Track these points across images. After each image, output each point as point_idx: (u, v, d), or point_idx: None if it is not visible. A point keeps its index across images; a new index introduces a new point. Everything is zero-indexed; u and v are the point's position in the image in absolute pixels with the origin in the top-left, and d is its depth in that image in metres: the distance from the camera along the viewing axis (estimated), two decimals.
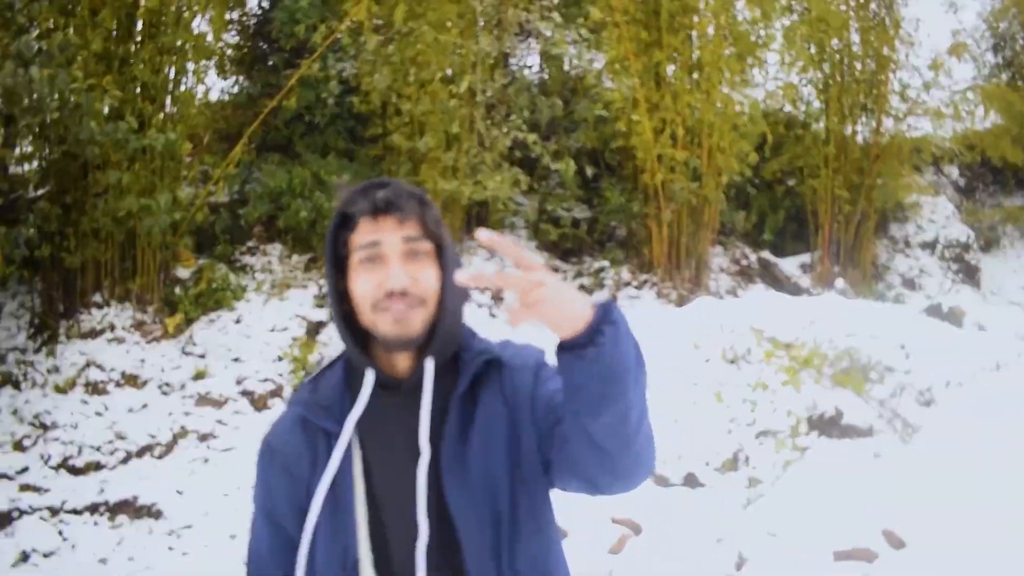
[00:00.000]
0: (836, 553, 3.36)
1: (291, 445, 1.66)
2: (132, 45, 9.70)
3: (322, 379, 1.71)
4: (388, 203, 1.58)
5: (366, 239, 1.58)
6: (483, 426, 1.60)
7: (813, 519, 3.65)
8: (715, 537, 4.24)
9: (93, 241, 9.83)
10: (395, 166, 11.75)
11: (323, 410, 1.64)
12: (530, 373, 1.66)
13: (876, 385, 6.84)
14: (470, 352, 1.66)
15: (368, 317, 1.59)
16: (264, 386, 9.78)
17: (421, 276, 1.58)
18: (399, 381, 1.62)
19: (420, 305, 1.57)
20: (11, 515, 8.08)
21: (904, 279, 13.83)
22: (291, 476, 1.64)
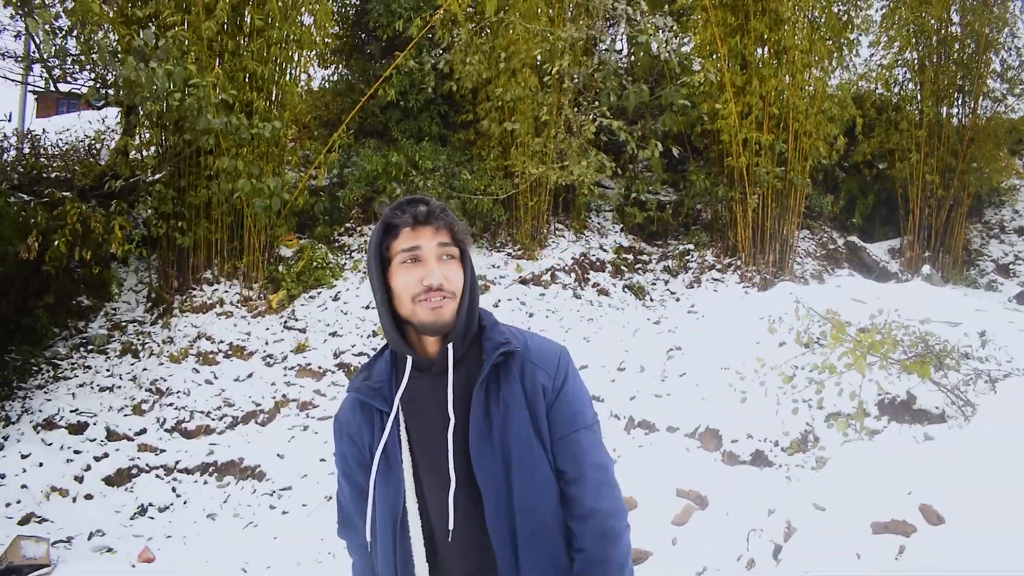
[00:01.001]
0: (874, 525, 3.60)
1: (353, 422, 2.11)
2: (242, 38, 10.19)
3: (373, 367, 2.13)
4: (427, 215, 1.99)
5: (408, 244, 1.98)
6: (503, 407, 1.99)
7: (860, 494, 3.88)
8: (768, 508, 4.51)
9: (204, 222, 10.51)
10: (485, 151, 12.10)
11: (374, 392, 2.05)
12: (549, 377, 2.05)
13: (951, 371, 6.89)
14: (491, 342, 2.05)
15: (408, 307, 1.99)
16: (359, 359, 10.32)
17: (452, 275, 2.00)
18: (431, 362, 2.04)
19: (451, 298, 1.99)
20: (131, 472, 8.84)
21: (998, 265, 13.44)
22: (355, 444, 2.10)
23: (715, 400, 7.34)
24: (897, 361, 6.24)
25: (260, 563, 7.05)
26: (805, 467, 6.34)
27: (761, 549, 4.15)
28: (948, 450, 4.18)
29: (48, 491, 8.25)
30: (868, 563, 3.47)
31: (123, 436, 9.11)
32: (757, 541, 4.22)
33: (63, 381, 9.57)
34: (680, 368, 8.14)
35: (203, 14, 9.73)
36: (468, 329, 2.05)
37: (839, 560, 3.57)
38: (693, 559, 4.83)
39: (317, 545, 7.28)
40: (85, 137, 11.29)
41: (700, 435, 7.06)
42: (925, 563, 3.41)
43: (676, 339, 8.93)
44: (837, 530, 3.74)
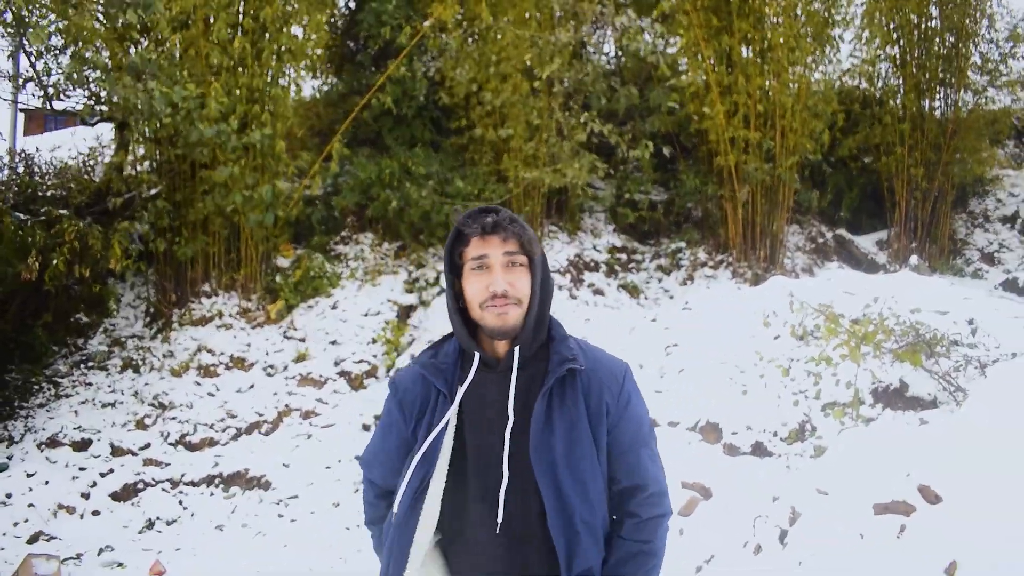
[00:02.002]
0: (875, 507, 3.73)
1: (410, 391, 2.24)
2: (237, 51, 10.29)
3: (440, 348, 2.27)
4: (494, 226, 2.12)
5: (476, 253, 2.12)
6: (567, 421, 2.12)
7: (860, 478, 4.02)
8: (772, 495, 4.65)
9: (202, 235, 10.59)
10: (478, 156, 12.22)
11: (439, 372, 2.19)
12: (613, 396, 2.18)
13: (941, 359, 7.06)
14: (559, 355, 2.17)
15: (477, 312, 2.14)
16: (360, 367, 10.42)
17: (518, 282, 2.13)
18: (498, 361, 2.17)
19: (516, 304, 2.12)
20: (137, 487, 8.90)
21: (983, 254, 13.64)
22: (403, 411, 2.24)
23: (714, 394, 7.48)
24: (890, 350, 6.41)
25: (271, 571, 7.15)
26: (804, 456, 6.49)
27: (767, 535, 4.29)
28: (942, 433, 4.34)
29: (55, 509, 8.30)
30: (871, 543, 3.61)
31: (127, 451, 9.16)
32: (763, 527, 4.36)
33: (65, 399, 9.63)
34: (678, 364, 8.29)
35: (201, 28, 9.82)
36: (536, 334, 2.18)
37: (843, 541, 3.71)
38: (700, 548, 4.97)
39: (327, 551, 7.40)
40: (79, 154, 11.34)
41: (701, 428, 7.20)
42: (926, 540, 3.55)
43: (673, 336, 9.07)
44: (840, 513, 3.88)
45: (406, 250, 11.99)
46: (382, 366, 10.48)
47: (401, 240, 12.06)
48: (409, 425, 2.22)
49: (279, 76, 11.03)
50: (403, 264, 11.79)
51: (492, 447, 2.11)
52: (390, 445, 2.28)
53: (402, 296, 11.28)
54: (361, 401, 10.04)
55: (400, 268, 11.72)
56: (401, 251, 12.01)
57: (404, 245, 12.04)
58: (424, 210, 11.40)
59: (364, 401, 10.02)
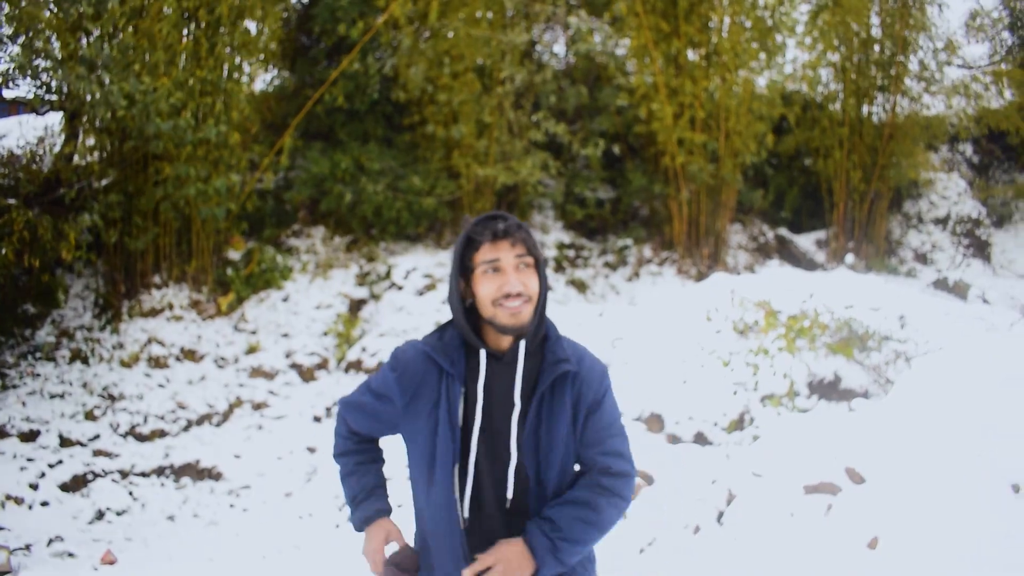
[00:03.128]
0: (805, 487, 4.01)
1: (410, 369, 2.42)
2: (191, 44, 10.27)
3: (444, 334, 2.46)
4: (505, 231, 2.33)
5: (488, 257, 2.32)
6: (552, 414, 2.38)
7: (792, 462, 4.30)
8: (710, 479, 4.91)
9: (153, 227, 10.55)
10: (430, 152, 12.35)
11: (446, 354, 2.39)
12: (593, 391, 2.44)
13: (873, 352, 7.43)
14: (553, 355, 2.41)
15: (489, 311, 2.34)
16: (311, 359, 10.51)
17: (529, 281, 2.35)
18: (501, 354, 2.39)
19: (528, 302, 2.34)
20: (86, 478, 8.87)
21: (916, 254, 14.17)
22: (401, 385, 2.42)
23: (657, 386, 7.75)
24: (824, 344, 6.74)
25: (224, 559, 7.22)
26: (743, 444, 6.78)
27: (705, 515, 4.55)
28: (868, 421, 4.64)
29: (3, 499, 8.22)
30: (801, 520, 3.88)
31: (76, 442, 9.11)
32: (702, 509, 4.62)
33: (12, 389, 9.52)
34: (623, 358, 8.54)
35: (155, 19, 9.79)
36: (539, 330, 2.41)
37: (775, 519, 3.98)
38: (644, 531, 5.21)
39: (280, 538, 7.49)
40: (26, 143, 11.19)
41: (645, 419, 7.46)
42: (850, 518, 3.84)
43: (618, 330, 9.33)
44: (773, 494, 4.15)
45: (358, 244, 12.08)
46: (333, 359, 10.58)
47: (353, 234, 12.15)
48: (404, 401, 2.41)
49: (233, 70, 11.03)
50: (355, 258, 11.88)
51: (499, 430, 2.35)
52: (378, 409, 2.48)
53: (354, 290, 11.38)
54: (312, 393, 10.13)
55: (351, 262, 11.81)
56: (353, 245, 12.10)
57: (356, 239, 12.13)
58: (376, 205, 11.52)
59: (315, 393, 10.11)
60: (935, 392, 4.86)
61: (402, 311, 10.59)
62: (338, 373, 10.29)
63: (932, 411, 4.59)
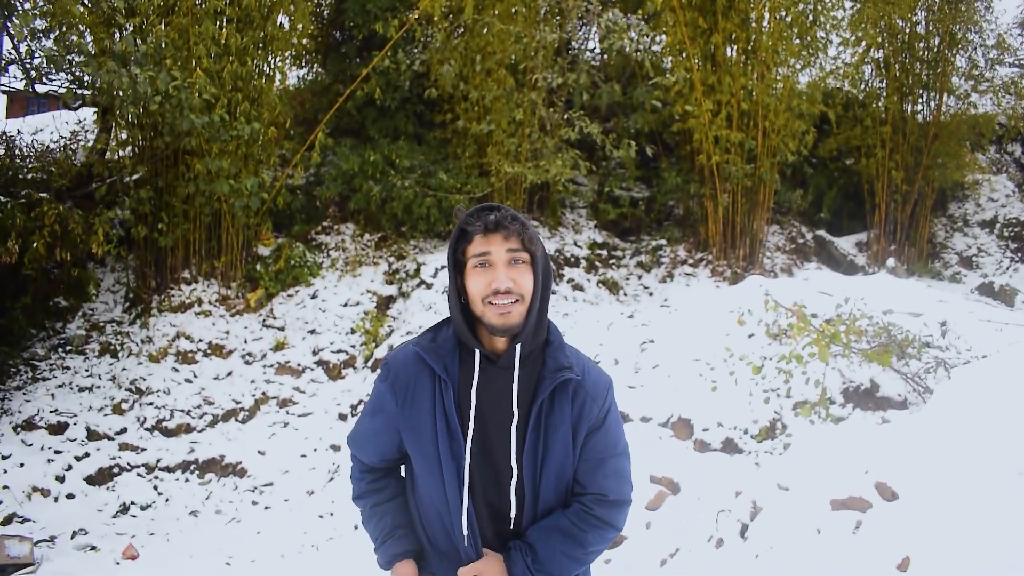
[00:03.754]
0: (833, 502, 3.81)
1: (402, 374, 2.28)
2: (223, 39, 10.27)
3: (439, 333, 2.32)
4: (497, 224, 2.16)
5: (479, 250, 2.17)
6: (552, 424, 2.22)
7: (820, 475, 4.09)
8: (736, 490, 4.72)
9: (183, 222, 10.57)
10: (461, 149, 12.24)
11: (438, 356, 2.24)
12: (597, 406, 2.28)
13: (912, 360, 7.16)
14: (555, 361, 2.25)
15: (479, 308, 2.18)
16: (338, 356, 10.45)
17: (520, 279, 2.18)
18: (497, 356, 2.23)
19: (519, 301, 2.17)
20: (112, 471, 8.91)
21: (961, 258, 13.77)
22: (394, 392, 2.28)
23: (687, 390, 7.56)
24: (859, 351, 6.49)
25: (244, 557, 7.17)
26: (774, 453, 6.57)
27: (729, 529, 4.36)
28: (902, 433, 4.42)
29: (30, 491, 8.30)
30: (827, 537, 3.68)
31: (104, 436, 9.17)
32: (725, 521, 4.43)
33: (42, 382, 9.60)
34: (653, 360, 8.35)
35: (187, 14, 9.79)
36: (537, 332, 2.24)
37: (801, 536, 3.79)
38: (666, 542, 5.03)
39: (300, 538, 7.42)
40: (60, 138, 11.30)
41: (673, 424, 7.27)
42: (880, 536, 3.63)
43: (649, 332, 9.14)
44: (799, 508, 3.95)
45: (387, 241, 12.01)
46: (360, 356, 10.51)
47: (382, 231, 12.08)
48: (398, 406, 2.27)
49: (264, 65, 11.00)
50: (383, 255, 11.80)
51: (494, 440, 2.20)
52: (378, 426, 2.33)
53: (382, 287, 11.31)
54: (338, 391, 10.07)
55: (380, 259, 11.74)
56: (382, 242, 12.02)
57: (385, 236, 12.06)
58: (406, 202, 11.43)
59: (341, 391, 10.05)
60: (975, 404, 4.63)
61: (431, 309, 10.49)
62: (365, 371, 10.22)
63: (972, 424, 4.36)
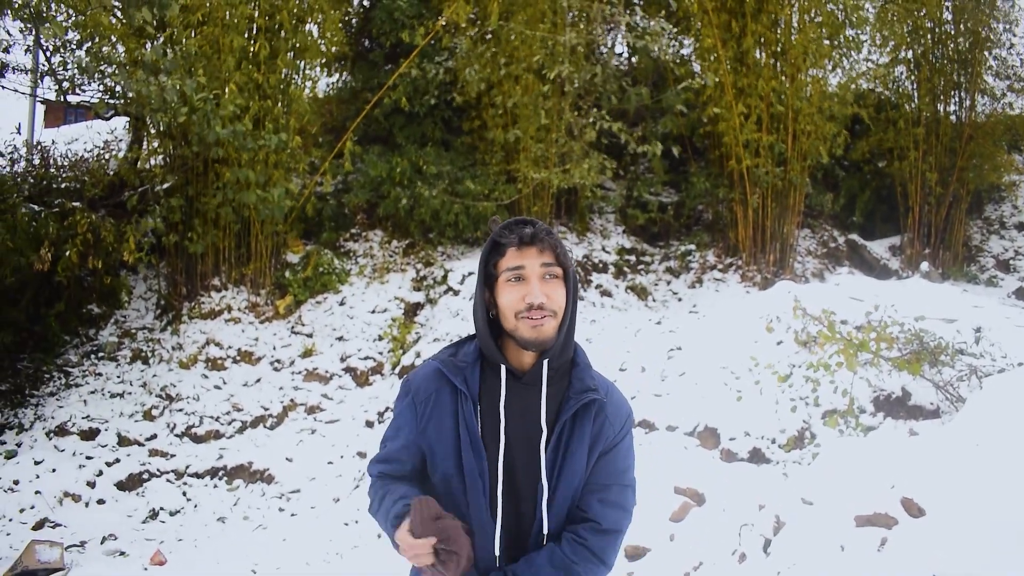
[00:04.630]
0: (857, 518, 3.72)
1: (423, 390, 2.24)
2: (251, 49, 10.35)
3: (461, 348, 2.29)
4: (532, 237, 2.14)
5: (513, 263, 2.14)
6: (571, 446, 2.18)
7: (845, 489, 4.01)
8: (760, 502, 4.64)
9: (212, 230, 10.68)
10: (488, 156, 12.23)
11: (458, 371, 2.20)
12: (614, 431, 2.25)
13: (945, 368, 7.00)
14: (581, 382, 2.22)
15: (511, 323, 2.15)
16: (366, 363, 10.47)
17: (554, 294, 2.15)
18: (523, 372, 2.20)
19: (552, 316, 2.14)
20: (142, 477, 9.02)
21: (998, 261, 13.48)
22: (415, 409, 2.24)
23: (714, 399, 7.47)
24: (888, 359, 6.36)
25: (270, 564, 7.21)
26: (802, 463, 6.46)
27: (752, 543, 4.28)
28: (931, 445, 4.31)
29: (61, 496, 8.42)
30: (851, 555, 3.60)
31: (134, 441, 9.28)
32: (748, 536, 4.36)
33: (75, 388, 9.74)
34: (680, 368, 8.27)
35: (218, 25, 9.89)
36: (565, 349, 2.21)
37: (824, 552, 3.71)
38: (690, 554, 4.97)
39: (325, 546, 7.45)
40: (94, 147, 11.46)
41: (699, 433, 7.19)
42: (906, 554, 3.54)
43: (676, 339, 9.06)
44: (823, 523, 3.87)
45: (415, 248, 12.03)
46: (388, 363, 10.53)
47: (410, 238, 12.10)
48: (419, 423, 2.23)
49: (294, 73, 11.08)
50: (411, 262, 11.82)
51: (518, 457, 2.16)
52: (398, 445, 2.29)
53: (410, 294, 11.32)
54: (366, 398, 10.10)
55: (408, 266, 11.76)
56: (410, 249, 12.05)
57: (413, 243, 12.08)
58: (434, 208, 11.44)
59: (369, 398, 10.07)
60: (1009, 415, 4.51)
61: (458, 316, 10.48)
62: (392, 378, 10.23)
63: (1004, 436, 4.25)
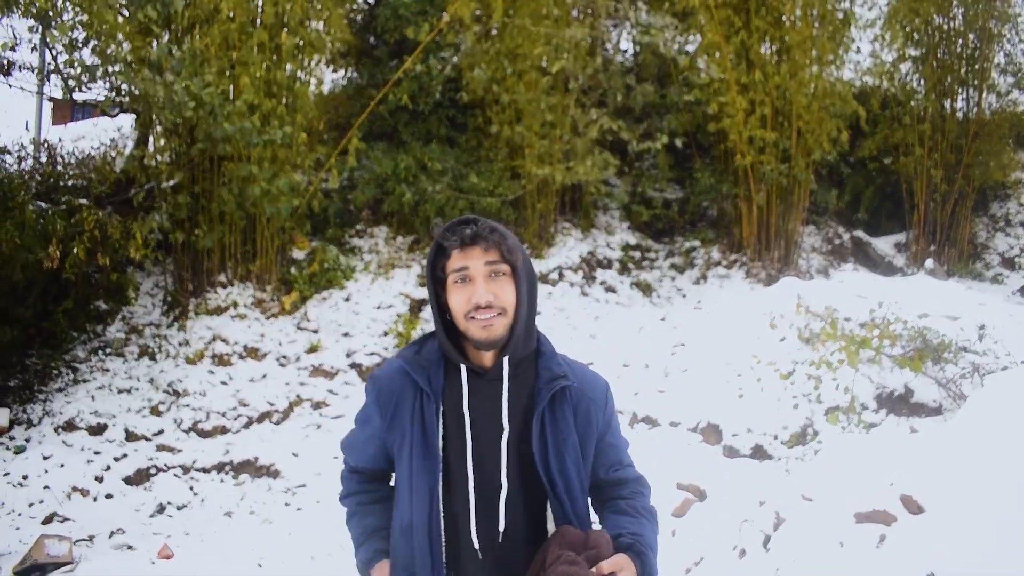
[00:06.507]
0: (857, 515, 3.75)
1: (386, 389, 2.23)
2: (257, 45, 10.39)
3: (424, 346, 2.28)
4: (474, 237, 2.11)
5: (457, 265, 2.12)
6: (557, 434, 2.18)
7: (845, 485, 4.04)
8: (761, 499, 4.68)
9: (219, 226, 10.72)
10: (493, 152, 12.26)
11: (422, 370, 2.19)
12: (600, 411, 2.26)
13: (948, 365, 7.02)
14: (548, 371, 2.22)
15: (462, 324, 2.14)
16: (371, 359, 10.53)
17: (501, 292, 2.13)
18: (485, 370, 2.19)
19: (501, 314, 2.13)
20: (149, 472, 9.07)
21: (1003, 258, 13.45)
22: (379, 407, 2.23)
23: (716, 395, 7.49)
24: (891, 356, 6.39)
25: (275, 558, 7.25)
26: (804, 460, 6.48)
27: (752, 539, 4.32)
28: (931, 442, 4.34)
29: (70, 491, 8.47)
30: (850, 551, 3.63)
31: (141, 437, 9.32)
32: (748, 532, 4.39)
33: (82, 384, 9.79)
34: (683, 364, 8.30)
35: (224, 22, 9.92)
36: (526, 343, 2.21)
37: (824, 549, 3.74)
38: (691, 550, 5.00)
39: (331, 540, 7.47)
40: (100, 145, 11.51)
41: (701, 429, 7.22)
42: (905, 551, 3.57)
43: (680, 335, 9.08)
44: (823, 520, 3.90)
45: (420, 244, 12.07)
46: None
47: (415, 234, 12.15)
48: (384, 422, 2.23)
49: (299, 70, 11.12)
50: (416, 258, 11.87)
51: (484, 455, 2.14)
52: (365, 436, 2.31)
53: (415, 290, 11.37)
54: None
55: (413, 262, 11.80)
56: (415, 245, 12.09)
57: (418, 239, 12.12)
58: (439, 205, 11.48)
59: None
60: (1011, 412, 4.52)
61: None
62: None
63: (1005, 434, 4.26)
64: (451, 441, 2.16)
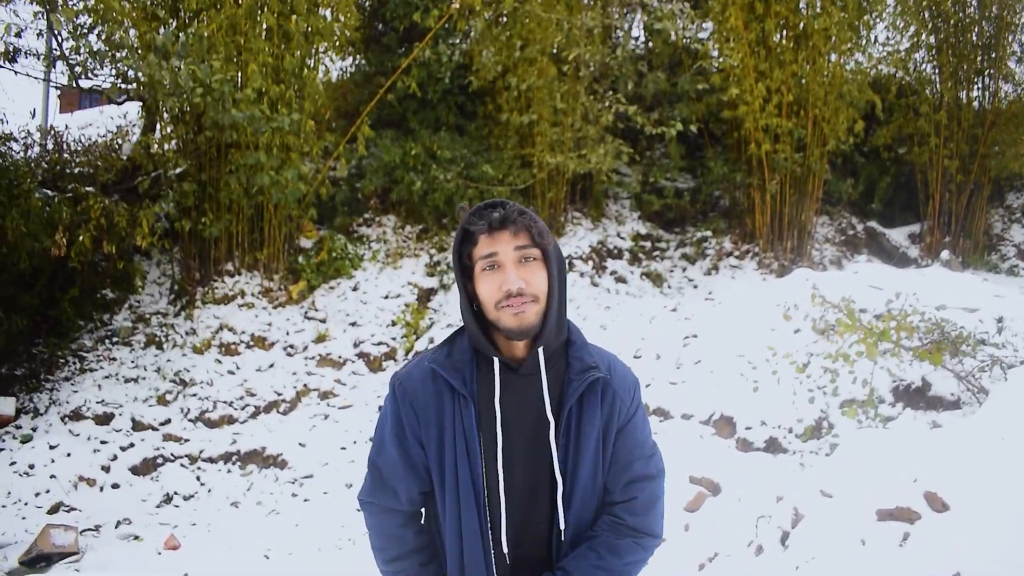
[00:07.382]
0: (879, 512, 3.64)
1: (420, 394, 2.09)
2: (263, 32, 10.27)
3: (455, 346, 2.14)
4: (502, 221, 2.00)
5: (485, 251, 2.00)
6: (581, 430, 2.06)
7: (866, 482, 3.93)
8: (778, 493, 4.57)
9: (226, 214, 10.64)
10: (503, 140, 12.13)
11: (456, 371, 2.06)
12: (625, 406, 2.12)
13: (966, 358, 6.89)
14: (580, 362, 2.09)
15: (493, 314, 2.02)
16: (379, 349, 10.45)
17: (532, 278, 2.00)
18: (518, 363, 2.07)
19: (533, 301, 2.00)
20: (156, 461, 9.02)
21: (1019, 250, 13.25)
22: (415, 414, 2.08)
23: (730, 387, 7.38)
24: (909, 349, 6.26)
25: (282, 549, 7.19)
26: (819, 454, 6.38)
27: (769, 536, 4.21)
28: (955, 437, 4.22)
29: (76, 481, 8.43)
30: (873, 549, 3.52)
31: (148, 426, 9.28)
32: (765, 528, 4.29)
33: (89, 373, 9.74)
34: (695, 355, 8.19)
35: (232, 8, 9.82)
36: (558, 332, 2.08)
37: (844, 546, 3.63)
38: (705, 545, 4.90)
39: (337, 532, 7.43)
40: (107, 132, 11.43)
41: (714, 422, 7.11)
42: (929, 550, 3.46)
43: (692, 326, 8.97)
44: (843, 517, 3.80)
45: (428, 233, 11.97)
46: (401, 348, 10.49)
47: (424, 223, 12.04)
48: (426, 429, 2.09)
49: (307, 57, 11.01)
50: (425, 247, 11.77)
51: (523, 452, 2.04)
52: (404, 456, 2.11)
53: (423, 279, 11.28)
54: (379, 383, 10.08)
55: (422, 251, 11.70)
56: (423, 234, 11.99)
57: (427, 228, 12.02)
58: (448, 193, 11.37)
59: (382, 383, 10.04)
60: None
61: None
62: (405, 363, 10.21)
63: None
64: (484, 444, 2.05)
